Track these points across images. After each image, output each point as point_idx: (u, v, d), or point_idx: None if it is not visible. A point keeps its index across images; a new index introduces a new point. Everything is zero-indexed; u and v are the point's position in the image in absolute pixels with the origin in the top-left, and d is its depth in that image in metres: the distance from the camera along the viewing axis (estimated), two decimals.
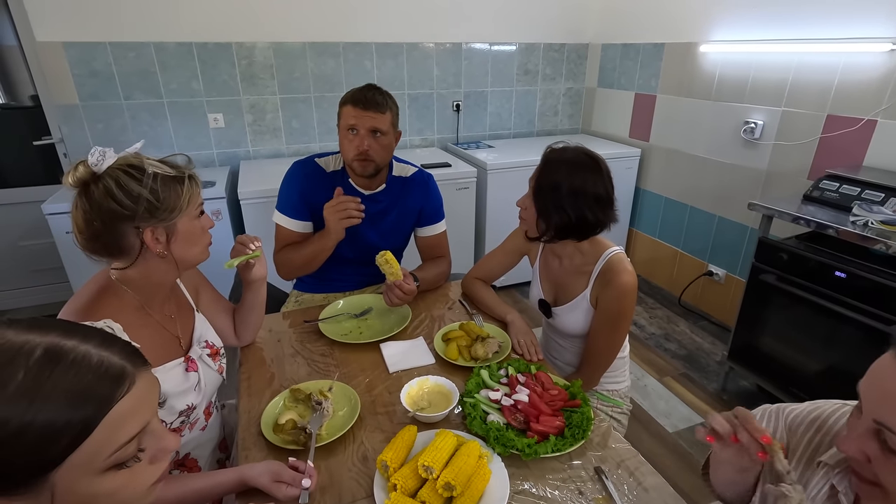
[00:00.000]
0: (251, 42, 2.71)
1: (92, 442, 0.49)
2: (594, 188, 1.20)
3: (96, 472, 0.51)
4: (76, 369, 0.49)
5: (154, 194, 0.87)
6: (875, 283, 1.64)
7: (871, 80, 2.01)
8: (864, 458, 0.55)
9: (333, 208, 1.41)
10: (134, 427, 0.53)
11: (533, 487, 0.91)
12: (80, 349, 0.50)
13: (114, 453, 0.51)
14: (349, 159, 1.49)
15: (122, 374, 0.52)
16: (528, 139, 3.55)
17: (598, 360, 1.36)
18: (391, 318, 1.45)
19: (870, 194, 1.84)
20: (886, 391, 0.52)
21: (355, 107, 1.42)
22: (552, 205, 1.21)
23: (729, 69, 2.57)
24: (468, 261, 3.08)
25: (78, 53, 2.45)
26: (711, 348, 2.67)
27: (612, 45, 3.34)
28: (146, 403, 0.55)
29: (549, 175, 1.22)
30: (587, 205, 1.20)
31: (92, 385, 0.50)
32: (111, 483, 0.52)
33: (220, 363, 1.13)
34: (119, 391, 0.51)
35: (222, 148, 2.87)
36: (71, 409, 0.48)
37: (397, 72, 3.07)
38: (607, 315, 1.29)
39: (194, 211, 0.95)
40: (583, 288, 1.32)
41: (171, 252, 0.94)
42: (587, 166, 1.21)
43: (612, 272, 1.26)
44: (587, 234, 1.26)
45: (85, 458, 0.49)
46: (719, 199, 2.76)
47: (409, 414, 1.06)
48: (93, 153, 0.86)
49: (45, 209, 2.19)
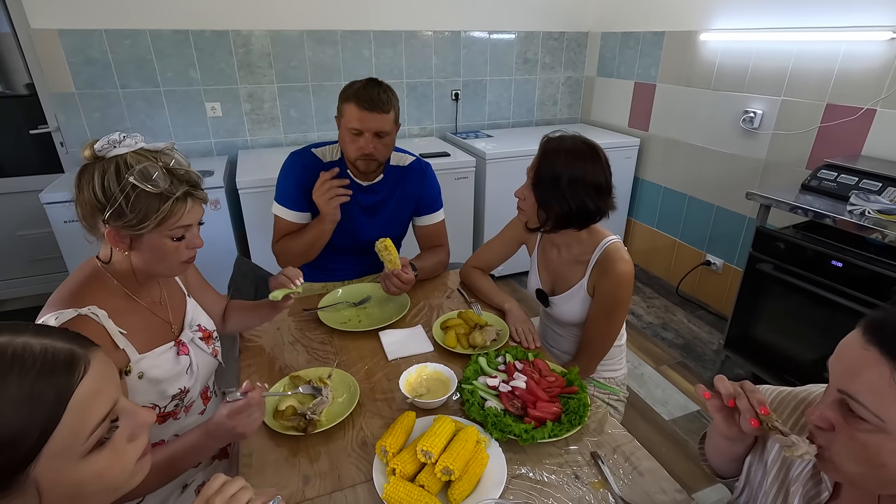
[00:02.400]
0: (248, 30, 2.69)
1: (63, 430, 0.48)
2: (594, 177, 1.20)
3: (78, 458, 0.50)
4: (20, 364, 0.47)
5: (127, 199, 0.85)
6: (871, 272, 1.65)
7: (870, 69, 2.00)
8: (829, 426, 0.60)
9: (319, 191, 1.42)
10: (103, 406, 0.52)
11: (530, 472, 0.93)
12: (16, 342, 0.48)
13: (90, 435, 0.51)
14: (352, 159, 1.48)
15: (72, 358, 0.51)
16: (527, 128, 3.54)
17: (595, 348, 1.37)
18: (390, 307, 1.45)
19: (867, 184, 1.84)
20: (849, 364, 0.58)
21: (360, 108, 1.39)
22: (552, 195, 1.22)
23: (729, 58, 2.56)
24: (467, 250, 3.08)
25: (73, 41, 2.43)
26: (708, 337, 2.69)
27: (611, 34, 3.32)
28: (108, 382, 0.54)
29: (549, 165, 1.22)
30: (587, 193, 1.20)
31: (44, 375, 0.48)
32: (96, 465, 0.52)
33: (214, 346, 1.13)
34: (75, 375, 0.50)
35: (220, 137, 2.86)
36: (28, 406, 0.46)
37: (396, 60, 3.05)
38: (604, 303, 1.29)
39: (170, 231, 0.91)
40: (580, 277, 1.32)
41: (130, 257, 0.93)
42: (586, 155, 1.21)
43: (610, 261, 1.26)
44: (587, 223, 1.27)
45: (61, 447, 0.48)
46: (718, 189, 2.76)
47: (407, 400, 1.07)
48: (106, 139, 0.86)
49: (42, 198, 2.18)
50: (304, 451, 0.97)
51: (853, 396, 0.56)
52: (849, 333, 0.59)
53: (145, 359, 0.95)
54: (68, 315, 0.85)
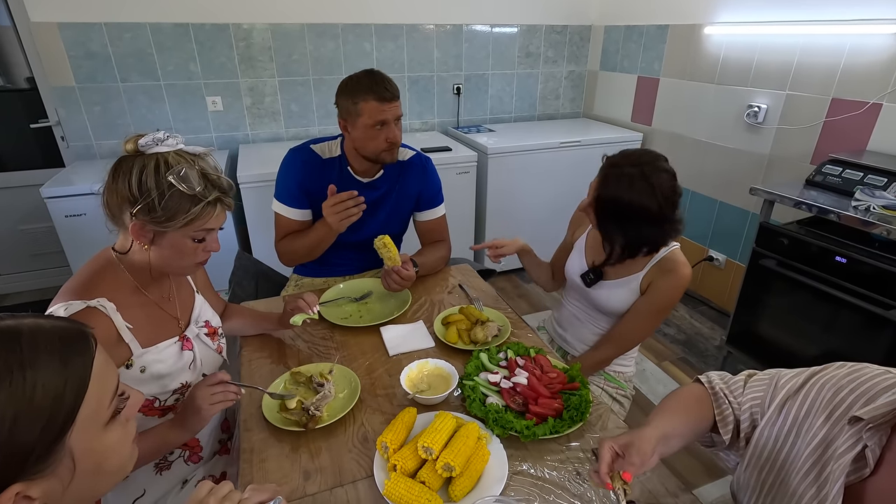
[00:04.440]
0: (249, 23, 2.67)
1: (91, 397, 0.51)
2: (663, 201, 1.15)
3: (102, 426, 0.53)
4: (42, 339, 0.49)
5: (161, 197, 0.87)
6: (875, 269, 1.64)
7: (876, 63, 1.98)
8: None
9: (332, 209, 1.39)
10: (114, 377, 0.56)
11: (531, 468, 0.93)
12: (25, 322, 0.50)
13: (111, 401, 0.54)
14: (378, 151, 1.46)
15: (83, 332, 0.54)
16: (530, 123, 3.51)
17: (624, 341, 1.37)
18: (391, 302, 1.45)
19: (873, 179, 1.83)
20: None
21: (381, 101, 1.39)
22: (618, 230, 1.21)
23: (733, 52, 2.54)
24: (467, 245, 3.07)
25: (73, 34, 2.42)
26: (710, 333, 2.68)
27: (614, 27, 3.29)
28: (109, 360, 0.57)
29: (612, 195, 1.18)
30: (655, 222, 1.18)
31: (67, 345, 0.51)
32: (115, 435, 0.55)
33: (219, 342, 1.14)
34: (91, 346, 0.53)
35: (221, 132, 2.85)
36: (63, 374, 0.49)
37: (397, 54, 3.03)
38: (654, 302, 1.28)
39: (193, 232, 0.93)
40: (637, 269, 1.30)
41: (150, 251, 0.94)
42: (653, 180, 1.14)
43: (674, 262, 1.25)
44: (653, 250, 1.25)
45: (90, 414, 0.51)
46: (721, 184, 2.74)
47: (408, 396, 1.07)
48: (151, 136, 0.89)
49: (43, 193, 2.18)
50: (305, 447, 0.97)
51: None
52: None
53: (148, 353, 0.96)
54: (77, 306, 0.86)
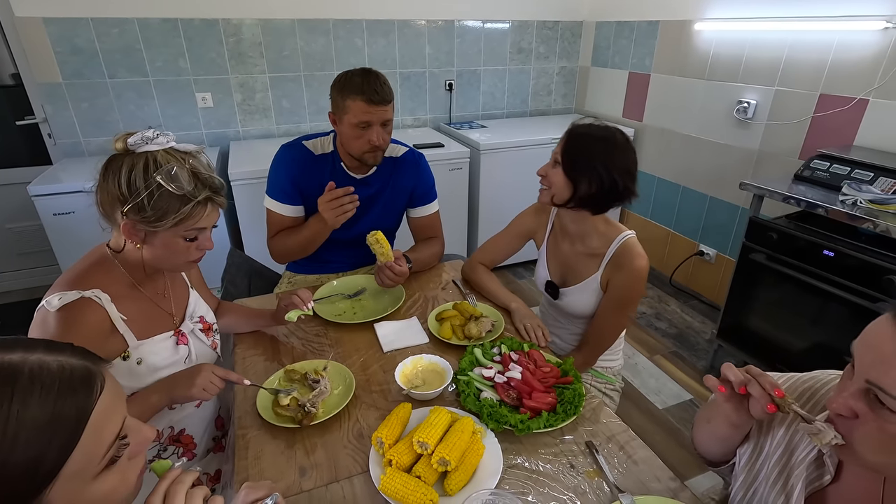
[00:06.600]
0: (238, 18, 2.65)
1: (81, 450, 0.47)
2: (624, 161, 1.21)
3: (91, 479, 0.49)
4: (40, 384, 0.45)
5: (150, 197, 0.86)
6: (862, 262, 1.67)
7: (864, 59, 2.00)
8: (852, 415, 0.57)
9: (328, 204, 1.38)
10: (116, 423, 0.52)
11: (526, 462, 0.93)
12: (31, 360, 0.46)
13: (105, 454, 0.50)
14: (360, 153, 1.45)
15: (89, 375, 0.49)
16: (522, 119, 3.52)
17: (600, 340, 1.38)
18: (385, 299, 1.45)
19: (859, 173, 1.85)
20: (880, 354, 0.54)
21: (368, 103, 1.37)
22: (585, 169, 1.22)
23: (723, 48, 2.55)
24: (461, 241, 3.08)
25: (59, 29, 2.38)
26: (701, 327, 2.71)
27: (606, 23, 3.30)
28: (119, 398, 0.53)
29: (584, 146, 1.22)
30: (619, 174, 1.20)
31: (64, 394, 0.46)
32: (107, 484, 0.51)
33: (214, 339, 1.14)
34: (94, 393, 0.49)
35: (211, 128, 2.82)
36: (50, 428, 0.45)
37: (389, 50, 3.02)
38: (617, 298, 1.30)
39: (184, 231, 0.92)
40: (593, 270, 1.32)
41: (142, 250, 0.94)
42: (619, 142, 1.22)
43: (627, 255, 1.26)
44: (611, 204, 1.26)
45: (78, 468, 0.47)
46: (711, 180, 2.76)
47: (403, 392, 1.07)
48: (140, 135, 0.87)
49: (31, 191, 2.15)
50: (301, 443, 0.97)
51: (885, 390, 0.53)
52: (877, 319, 0.56)
53: (144, 345, 0.96)
54: (72, 297, 0.86)
